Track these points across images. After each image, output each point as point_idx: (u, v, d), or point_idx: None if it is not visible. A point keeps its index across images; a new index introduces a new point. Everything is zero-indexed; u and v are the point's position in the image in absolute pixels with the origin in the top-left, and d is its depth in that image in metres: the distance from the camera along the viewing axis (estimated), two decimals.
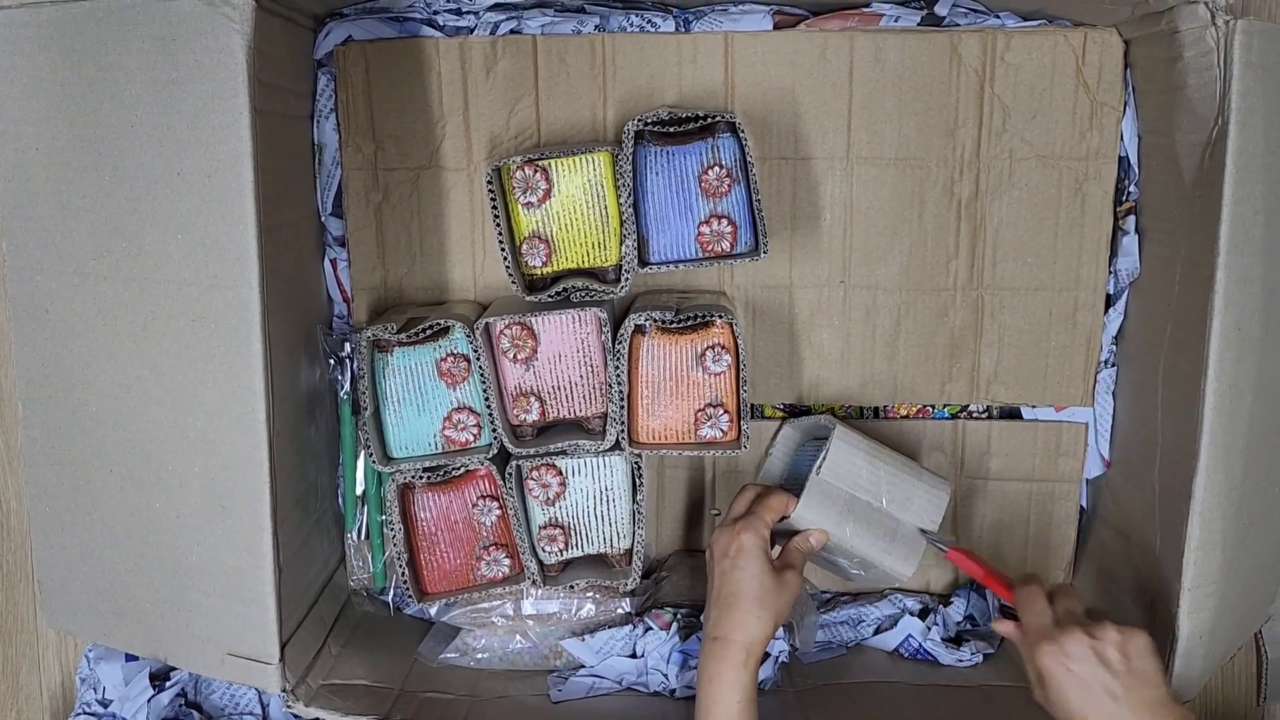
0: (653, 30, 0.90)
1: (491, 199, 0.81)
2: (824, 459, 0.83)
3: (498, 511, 0.89)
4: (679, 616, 0.90)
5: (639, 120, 0.81)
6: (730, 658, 0.75)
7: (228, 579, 0.78)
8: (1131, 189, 0.91)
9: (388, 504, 0.87)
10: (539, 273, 0.85)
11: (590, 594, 0.93)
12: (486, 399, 0.85)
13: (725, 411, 0.86)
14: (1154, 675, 0.70)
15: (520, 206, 0.83)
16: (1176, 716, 0.69)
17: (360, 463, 0.93)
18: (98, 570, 0.82)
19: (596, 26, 0.90)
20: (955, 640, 0.94)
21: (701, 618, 0.80)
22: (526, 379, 0.86)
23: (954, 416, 0.97)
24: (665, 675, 0.88)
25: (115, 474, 0.80)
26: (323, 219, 0.93)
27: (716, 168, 0.83)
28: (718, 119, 0.83)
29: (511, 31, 0.90)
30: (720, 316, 0.84)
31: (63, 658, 1.09)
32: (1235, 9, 0.76)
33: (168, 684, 0.89)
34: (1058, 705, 0.71)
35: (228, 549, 0.77)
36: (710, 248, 0.85)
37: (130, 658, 0.89)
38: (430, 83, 0.90)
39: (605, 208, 0.83)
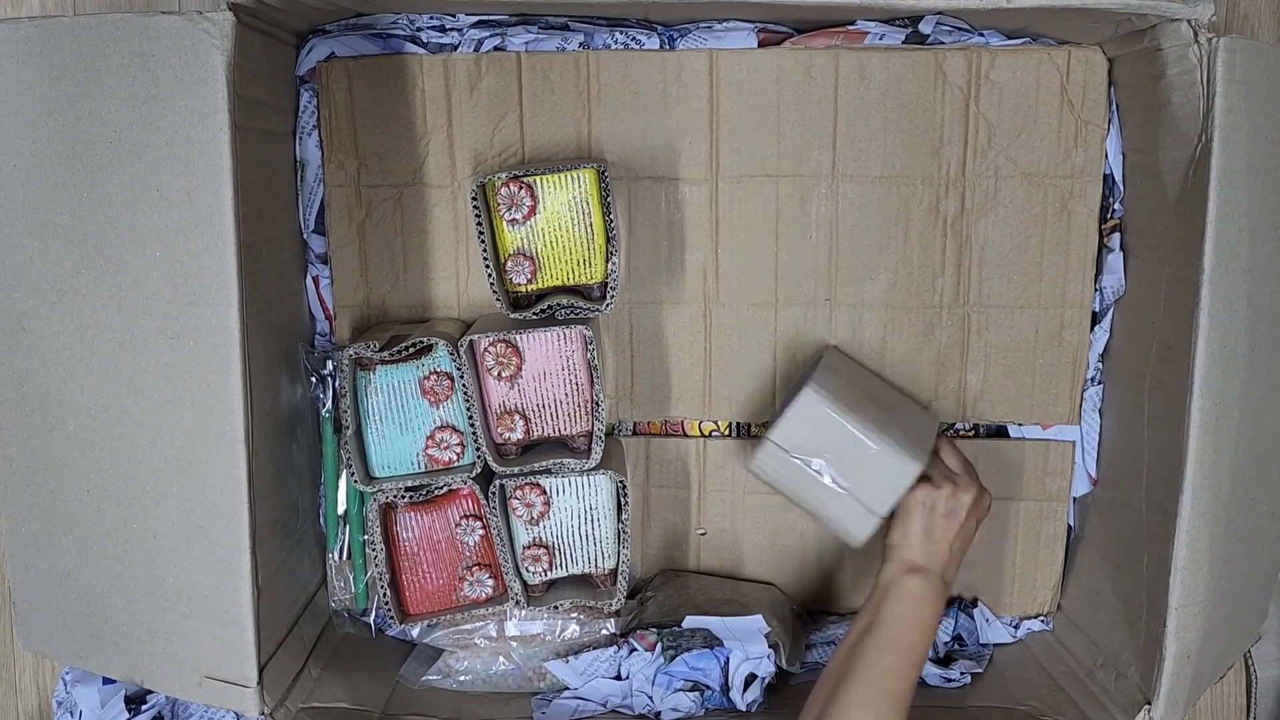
0: (637, 48, 0.90)
1: (476, 216, 0.81)
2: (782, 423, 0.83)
3: (481, 531, 0.88)
4: (664, 637, 0.89)
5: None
6: (946, 596, 0.80)
7: (205, 601, 0.77)
8: (1116, 206, 0.91)
9: (369, 524, 0.86)
10: (524, 290, 0.84)
11: (574, 615, 0.92)
12: (470, 417, 0.84)
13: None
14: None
15: (505, 223, 0.82)
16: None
17: (342, 481, 0.92)
18: (74, 592, 0.81)
19: (581, 44, 0.89)
20: (943, 660, 0.94)
21: (901, 535, 0.81)
22: (511, 397, 0.85)
23: (940, 435, 0.96)
24: (650, 698, 0.87)
25: (92, 494, 0.78)
26: (305, 236, 0.93)
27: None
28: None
29: (495, 49, 0.90)
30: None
31: (39, 680, 1.07)
32: (1218, 27, 0.76)
33: (144, 707, 0.87)
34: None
35: (205, 570, 0.76)
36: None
37: (107, 681, 0.87)
38: (414, 100, 0.90)
39: (590, 224, 0.83)
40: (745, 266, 0.92)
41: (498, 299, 0.82)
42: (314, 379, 0.90)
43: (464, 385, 0.83)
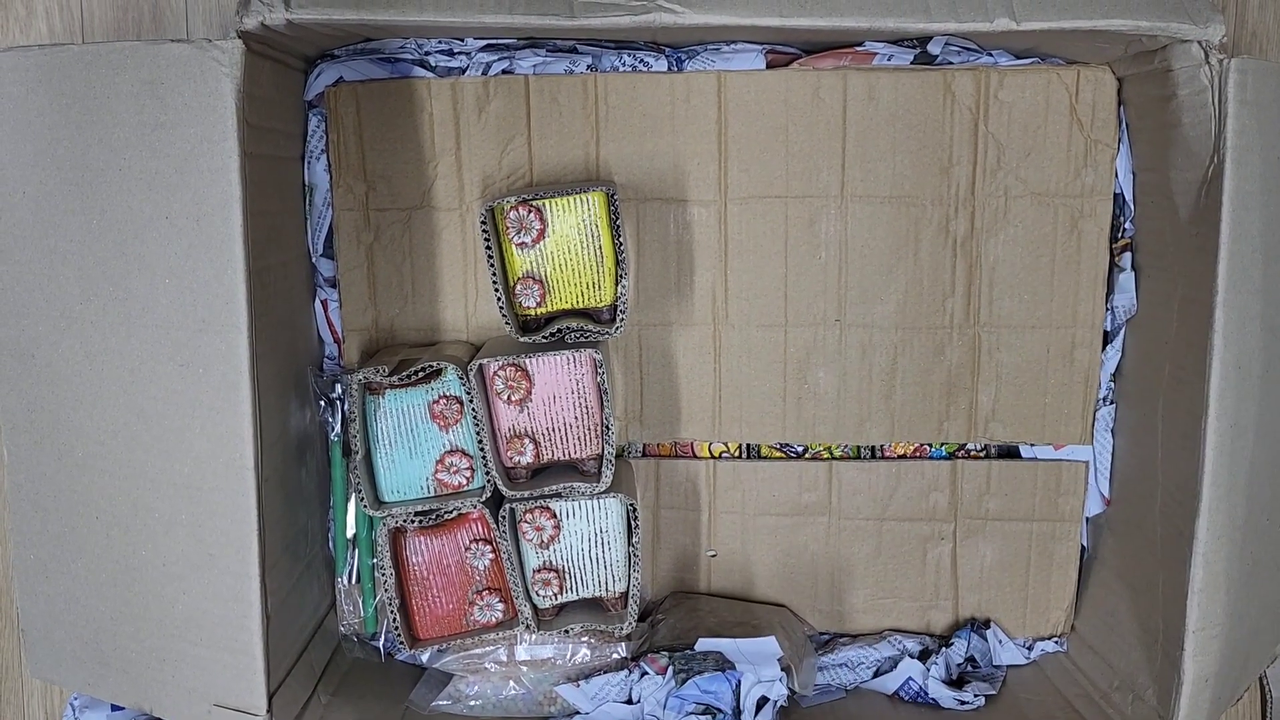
0: (645, 70, 0.90)
1: (485, 239, 0.80)
2: None
3: (491, 555, 0.88)
4: (675, 660, 0.88)
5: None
6: None
7: (214, 628, 0.76)
8: (1127, 226, 0.90)
9: (379, 548, 0.86)
10: (533, 313, 0.84)
11: (585, 639, 0.91)
12: (480, 441, 0.84)
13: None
14: None
15: (514, 247, 0.82)
16: None
17: (351, 505, 0.92)
18: (82, 619, 0.81)
19: (589, 66, 0.89)
20: (956, 682, 0.93)
21: None
22: (520, 421, 0.85)
23: (951, 455, 0.96)
24: None
25: (101, 521, 0.78)
26: (313, 260, 0.92)
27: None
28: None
29: (503, 72, 0.90)
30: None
31: (48, 706, 1.07)
32: (1227, 46, 0.76)
33: None
34: None
35: (214, 598, 0.76)
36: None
37: (115, 708, 0.87)
38: (422, 123, 0.90)
39: (600, 248, 0.83)
40: (754, 288, 0.92)
41: (507, 322, 0.82)
42: (323, 403, 0.89)
43: (473, 409, 0.83)
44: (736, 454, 0.97)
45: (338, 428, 0.90)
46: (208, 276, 0.72)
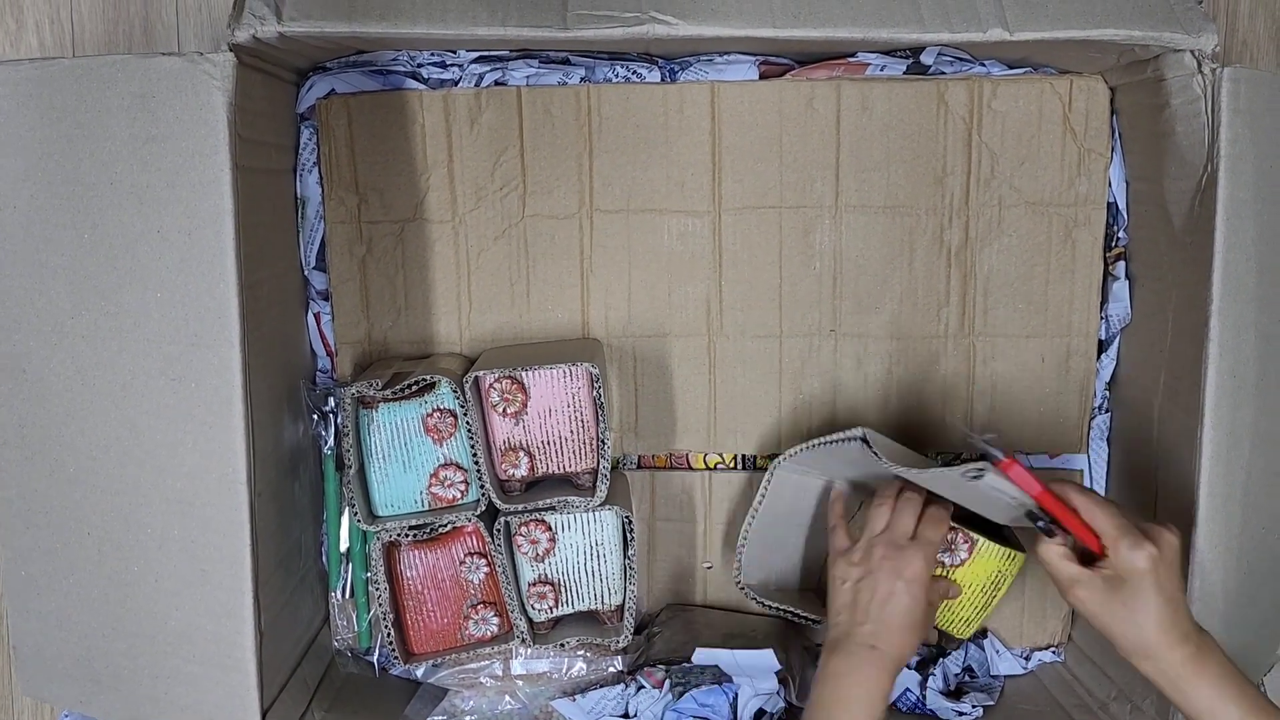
0: (638, 80, 0.89)
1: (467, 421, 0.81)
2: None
3: (486, 569, 0.87)
4: (672, 674, 0.88)
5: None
6: (884, 668, 0.75)
7: (207, 645, 0.76)
8: (1121, 235, 0.90)
9: (373, 562, 0.85)
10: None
11: (581, 652, 0.91)
12: (474, 453, 0.83)
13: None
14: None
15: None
16: None
17: (345, 519, 0.91)
18: (74, 636, 0.80)
19: (582, 78, 0.89)
20: (954, 693, 0.93)
21: (831, 617, 0.79)
22: (516, 433, 0.85)
23: (947, 465, 0.96)
24: None
25: (92, 537, 0.78)
26: (306, 273, 0.92)
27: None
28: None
29: (496, 83, 0.90)
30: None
31: None
32: (1219, 56, 0.76)
33: None
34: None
35: (207, 614, 0.75)
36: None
37: None
38: (414, 135, 0.90)
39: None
40: (749, 298, 0.92)
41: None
42: (316, 416, 0.89)
43: (468, 421, 0.83)
44: (732, 465, 0.96)
45: (331, 442, 0.90)
46: (199, 290, 0.72)
